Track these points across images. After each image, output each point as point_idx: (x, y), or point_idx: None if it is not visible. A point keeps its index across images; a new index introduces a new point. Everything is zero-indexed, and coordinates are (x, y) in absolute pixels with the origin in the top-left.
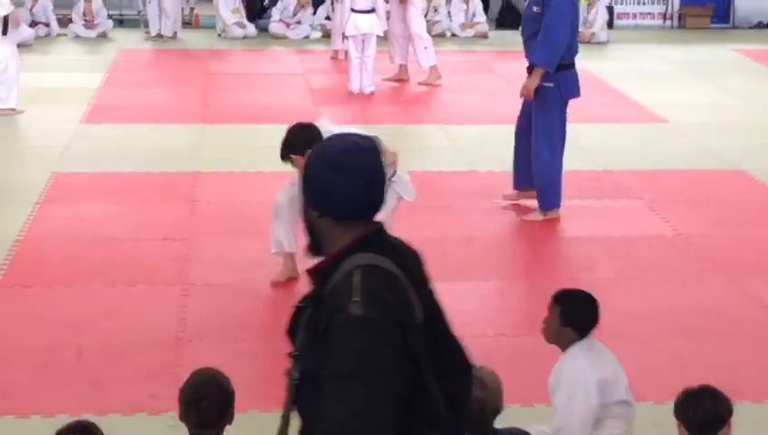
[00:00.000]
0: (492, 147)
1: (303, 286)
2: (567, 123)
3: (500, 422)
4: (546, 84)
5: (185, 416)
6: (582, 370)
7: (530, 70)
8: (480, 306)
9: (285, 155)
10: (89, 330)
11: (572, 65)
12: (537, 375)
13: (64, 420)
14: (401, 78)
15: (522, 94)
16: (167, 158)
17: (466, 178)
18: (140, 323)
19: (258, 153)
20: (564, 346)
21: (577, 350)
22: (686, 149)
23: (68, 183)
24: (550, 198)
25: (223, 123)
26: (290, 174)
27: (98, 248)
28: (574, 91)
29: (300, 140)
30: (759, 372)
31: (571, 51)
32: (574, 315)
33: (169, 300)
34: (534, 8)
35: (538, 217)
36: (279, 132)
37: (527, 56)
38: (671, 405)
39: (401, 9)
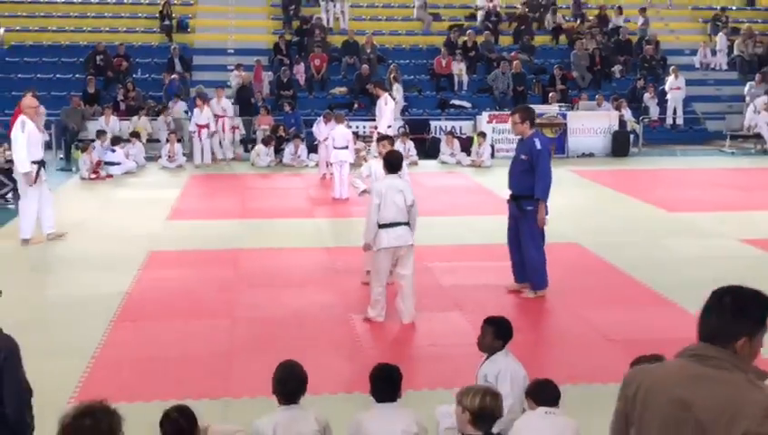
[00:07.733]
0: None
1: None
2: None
3: None
4: (529, 208)
5: None
6: None
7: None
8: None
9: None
10: (176, 348)
11: None
12: None
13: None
14: None
15: (541, 225)
16: (220, 240)
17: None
18: (202, 343)
19: (279, 238)
20: None
21: None
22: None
23: (158, 257)
24: (540, 282)
25: (255, 218)
26: None
27: (180, 296)
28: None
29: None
30: None
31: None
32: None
33: (219, 330)
34: (522, 156)
35: (530, 294)
36: (291, 224)
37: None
38: None
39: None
